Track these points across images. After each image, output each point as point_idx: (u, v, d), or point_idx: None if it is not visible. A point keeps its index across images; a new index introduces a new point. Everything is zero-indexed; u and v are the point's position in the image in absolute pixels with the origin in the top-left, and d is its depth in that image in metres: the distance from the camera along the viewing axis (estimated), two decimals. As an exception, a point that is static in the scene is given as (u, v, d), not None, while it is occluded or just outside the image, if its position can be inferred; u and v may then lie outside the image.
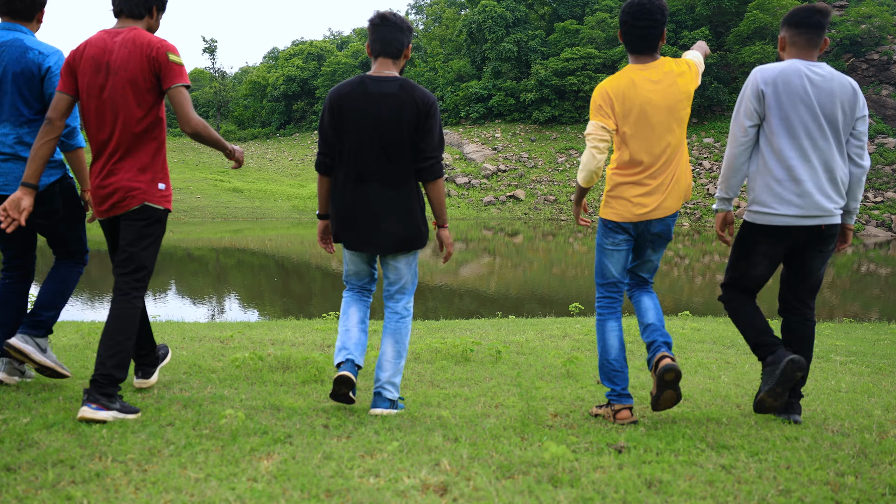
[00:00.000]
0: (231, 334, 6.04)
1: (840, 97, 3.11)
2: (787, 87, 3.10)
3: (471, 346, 5.07)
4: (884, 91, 40.50)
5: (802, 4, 3.30)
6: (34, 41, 3.27)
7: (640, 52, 3.24)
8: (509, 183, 41.29)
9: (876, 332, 8.16)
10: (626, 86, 3.18)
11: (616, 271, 3.39)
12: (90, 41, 3.03)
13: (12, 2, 3.24)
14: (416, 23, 68.87)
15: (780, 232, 3.21)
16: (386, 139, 3.15)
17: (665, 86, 3.18)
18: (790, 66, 3.14)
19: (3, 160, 3.23)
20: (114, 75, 2.96)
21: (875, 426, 3.42)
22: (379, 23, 3.23)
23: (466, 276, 17.57)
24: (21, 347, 3.22)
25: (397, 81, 3.17)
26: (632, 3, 3.20)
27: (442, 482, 2.45)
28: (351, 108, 3.17)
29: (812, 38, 3.18)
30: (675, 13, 47.71)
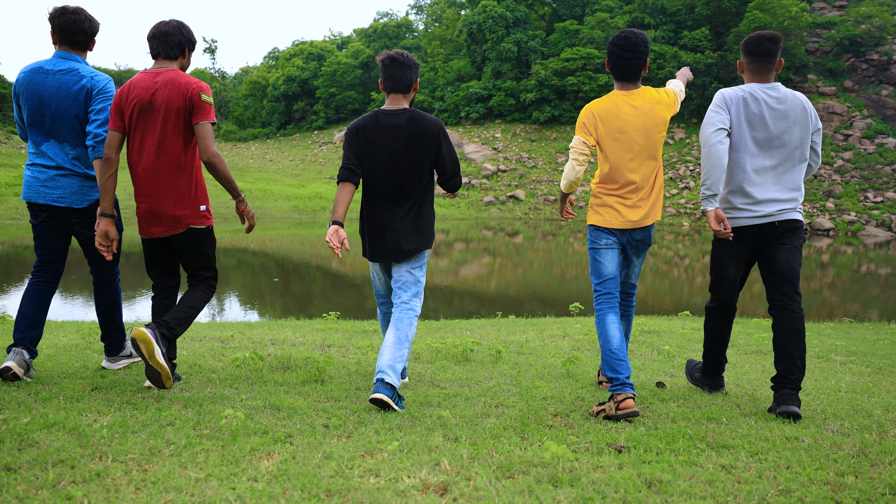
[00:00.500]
0: (231, 334, 6.04)
1: (793, 116, 3.50)
2: (745, 109, 3.52)
3: (471, 346, 5.07)
4: (884, 91, 40.47)
5: (755, 33, 3.64)
6: (88, 69, 3.67)
7: (624, 80, 3.62)
8: (509, 183, 41.29)
9: (876, 332, 8.16)
10: (609, 108, 3.57)
11: (611, 269, 3.65)
12: (134, 82, 3.46)
13: (74, 34, 3.64)
14: (417, 23, 68.91)
15: (741, 232, 3.58)
16: (397, 164, 3.57)
17: (645, 111, 3.55)
18: (749, 90, 3.55)
19: (63, 175, 3.65)
20: (156, 112, 3.40)
21: (875, 426, 3.42)
22: (389, 63, 3.60)
23: (466, 276, 17.57)
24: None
25: (406, 113, 3.57)
26: (618, 36, 3.59)
27: (442, 482, 2.46)
28: (366, 139, 3.58)
29: (765, 63, 3.58)
30: (675, 13, 47.68)
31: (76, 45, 3.67)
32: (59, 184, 3.65)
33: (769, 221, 3.52)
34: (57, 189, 3.65)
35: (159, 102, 3.40)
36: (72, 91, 3.58)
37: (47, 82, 3.58)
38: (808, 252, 25.57)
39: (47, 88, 3.58)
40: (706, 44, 44.04)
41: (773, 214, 3.52)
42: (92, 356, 4.56)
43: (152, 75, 3.46)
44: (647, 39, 3.58)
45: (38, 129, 3.66)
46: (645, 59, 3.58)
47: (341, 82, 59.18)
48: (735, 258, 3.66)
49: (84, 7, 3.73)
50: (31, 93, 3.60)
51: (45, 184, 3.65)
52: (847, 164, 36.93)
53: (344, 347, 5.58)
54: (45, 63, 3.62)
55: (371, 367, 4.49)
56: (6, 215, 28.99)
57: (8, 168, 37.80)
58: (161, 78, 3.44)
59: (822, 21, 44.42)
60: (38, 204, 3.67)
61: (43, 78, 3.59)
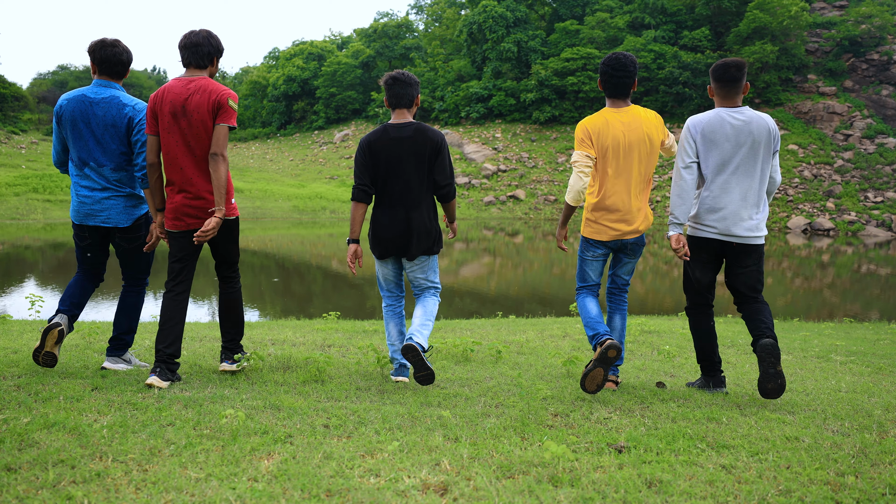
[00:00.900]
0: (104, 372, 5.99)
1: (756, 136, 3.78)
2: (712, 134, 3.80)
3: (471, 346, 5.07)
4: (884, 91, 40.47)
5: (721, 60, 3.91)
6: (128, 97, 3.97)
7: (615, 97, 3.95)
8: (509, 183, 41.28)
9: (876, 332, 8.16)
10: (601, 124, 3.88)
11: (594, 277, 4.13)
12: (167, 87, 3.74)
13: (113, 66, 3.93)
14: (417, 23, 68.87)
15: (707, 242, 3.92)
16: (405, 171, 3.93)
17: (633, 127, 3.86)
18: (715, 114, 3.83)
19: (108, 197, 3.94)
20: (189, 116, 3.69)
21: (875, 426, 3.42)
22: (392, 83, 3.96)
23: (467, 276, 17.57)
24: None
25: (412, 126, 3.94)
26: (610, 57, 3.91)
27: (442, 482, 2.46)
28: (378, 149, 3.94)
29: (731, 88, 3.86)
30: (675, 13, 47.67)
31: (115, 74, 3.97)
32: (105, 206, 3.94)
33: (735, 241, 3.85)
34: (104, 211, 3.94)
35: (192, 107, 3.68)
36: (117, 118, 3.88)
37: (94, 110, 3.86)
38: (809, 252, 25.57)
39: (94, 116, 3.86)
40: (706, 44, 44.03)
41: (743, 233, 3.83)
42: (92, 356, 4.56)
43: (185, 82, 3.74)
44: (635, 61, 3.90)
45: (83, 154, 3.91)
46: (634, 78, 3.90)
47: (341, 82, 59.16)
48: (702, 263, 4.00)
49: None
50: (76, 119, 3.87)
51: (92, 207, 3.94)
52: (847, 164, 36.93)
53: (344, 347, 5.59)
54: (87, 91, 3.90)
55: (371, 366, 4.49)
56: (6, 215, 29.00)
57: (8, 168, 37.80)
58: (193, 85, 3.72)
59: (823, 21, 44.42)
60: (88, 226, 3.97)
61: (88, 105, 3.86)
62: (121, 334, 4.17)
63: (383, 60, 63.21)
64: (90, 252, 4.06)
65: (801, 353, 6.03)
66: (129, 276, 4.19)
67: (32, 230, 25.40)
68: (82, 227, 3.98)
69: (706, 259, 3.97)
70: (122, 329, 4.17)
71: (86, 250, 4.05)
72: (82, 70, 72.40)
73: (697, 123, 3.85)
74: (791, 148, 38.82)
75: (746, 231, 3.81)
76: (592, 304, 4.05)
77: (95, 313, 10.61)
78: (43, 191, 32.98)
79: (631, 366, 5.00)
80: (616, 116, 3.88)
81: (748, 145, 3.77)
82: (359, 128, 56.12)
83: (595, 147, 3.87)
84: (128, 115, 3.90)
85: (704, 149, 3.83)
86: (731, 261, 3.94)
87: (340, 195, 37.25)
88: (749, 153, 3.77)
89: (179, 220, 3.80)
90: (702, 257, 3.96)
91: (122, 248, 4.06)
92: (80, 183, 3.94)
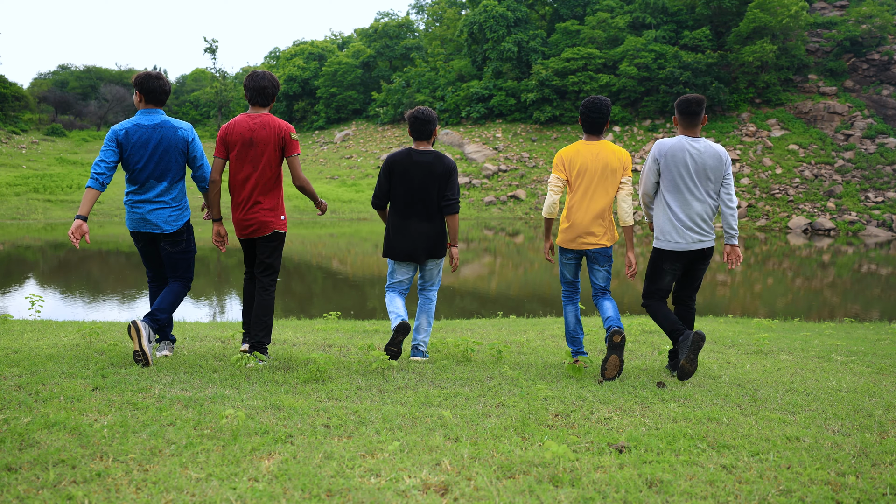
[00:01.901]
0: (232, 334, 6.04)
1: (709, 164, 4.43)
2: (673, 159, 4.44)
3: (472, 345, 5.07)
4: (884, 91, 40.44)
5: (684, 96, 4.52)
6: (176, 121, 4.51)
7: (589, 133, 4.75)
8: (510, 183, 41.27)
9: (877, 332, 8.15)
10: (573, 153, 4.72)
11: (570, 275, 4.93)
12: (237, 121, 4.46)
13: (158, 95, 4.45)
14: (417, 23, 68.87)
15: (675, 254, 4.54)
16: (423, 190, 4.72)
17: (600, 158, 4.65)
18: (677, 142, 4.46)
19: (159, 208, 4.46)
20: (255, 146, 4.40)
21: (876, 426, 3.42)
22: (413, 120, 4.84)
23: (467, 276, 17.57)
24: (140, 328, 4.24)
25: (432, 153, 4.79)
26: (587, 101, 4.70)
27: (443, 482, 2.46)
28: (400, 170, 4.75)
29: (691, 121, 4.49)
30: (675, 13, 47.65)
31: (159, 102, 4.48)
32: (155, 216, 4.47)
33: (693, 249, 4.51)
34: (153, 220, 4.47)
35: (258, 139, 4.39)
36: (174, 140, 4.44)
37: (152, 135, 4.39)
38: (810, 252, 25.57)
39: (153, 140, 4.39)
40: (707, 43, 44.01)
41: (696, 243, 4.49)
42: (93, 356, 4.57)
43: (251, 118, 4.45)
44: (609, 104, 4.69)
45: (141, 172, 4.42)
46: (607, 119, 4.69)
47: (342, 82, 59.17)
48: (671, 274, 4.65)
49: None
50: (137, 144, 4.38)
51: (144, 216, 4.47)
52: (848, 164, 36.92)
53: (345, 347, 5.59)
54: (140, 120, 4.41)
55: (372, 366, 4.49)
56: (7, 215, 29.02)
57: (9, 168, 37.83)
58: (259, 121, 4.43)
59: (823, 21, 44.40)
60: (140, 232, 4.53)
61: (146, 132, 4.39)
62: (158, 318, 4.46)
63: (384, 60, 63.22)
64: (148, 256, 4.67)
65: (801, 353, 6.03)
66: (174, 278, 4.66)
67: (33, 230, 25.41)
68: (135, 233, 4.56)
69: (678, 268, 4.62)
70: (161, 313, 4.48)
71: (145, 253, 4.66)
72: (82, 70, 72.39)
73: (662, 149, 4.48)
74: (792, 148, 38.82)
75: (703, 239, 4.51)
76: (572, 315, 4.94)
77: (97, 313, 10.61)
78: (43, 191, 33.00)
79: (632, 366, 5.00)
80: (588, 148, 4.68)
81: (702, 172, 4.43)
82: (359, 128, 56.13)
83: (566, 172, 4.72)
84: (182, 136, 4.48)
85: (666, 172, 4.49)
86: (695, 263, 4.62)
87: (341, 195, 37.25)
88: (702, 178, 4.45)
89: (241, 232, 4.56)
90: (675, 267, 4.60)
91: (167, 251, 4.57)
92: (134, 198, 4.47)
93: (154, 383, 3.77)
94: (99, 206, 32.03)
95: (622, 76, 43.92)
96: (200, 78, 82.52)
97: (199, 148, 4.57)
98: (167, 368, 4.23)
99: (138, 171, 4.41)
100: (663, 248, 4.55)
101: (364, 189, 39.92)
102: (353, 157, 48.05)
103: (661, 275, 4.60)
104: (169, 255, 4.58)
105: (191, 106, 76.07)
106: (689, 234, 4.45)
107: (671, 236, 4.49)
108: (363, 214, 35.41)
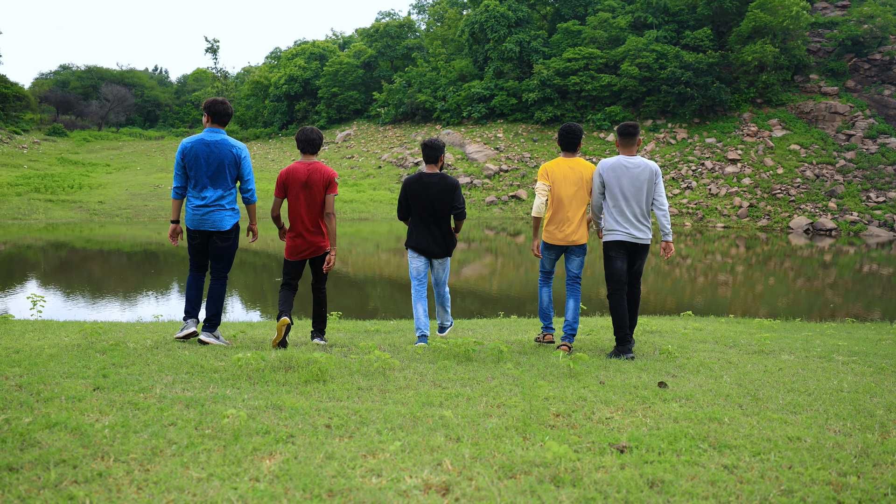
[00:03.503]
0: (234, 334, 6.05)
1: (642, 177, 5.50)
2: (614, 173, 5.54)
3: (473, 345, 5.07)
4: (886, 91, 40.40)
5: (623, 123, 5.62)
6: (232, 140, 5.42)
7: (566, 150, 5.86)
8: (511, 183, 41.27)
9: (878, 332, 8.15)
10: (554, 165, 5.82)
11: (548, 266, 6.10)
12: (294, 168, 5.56)
13: (222, 117, 5.40)
14: (419, 23, 68.86)
15: (620, 245, 5.59)
16: (434, 204, 5.86)
17: (575, 170, 5.77)
18: (616, 161, 5.55)
19: (212, 210, 5.36)
20: (310, 187, 5.55)
21: (877, 426, 3.42)
22: (424, 147, 5.90)
23: (469, 275, 17.57)
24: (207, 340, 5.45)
25: (437, 175, 5.87)
26: (564, 126, 5.81)
27: (444, 482, 2.46)
28: (414, 190, 5.86)
29: (628, 141, 5.57)
30: (677, 13, 47.64)
31: (222, 123, 5.41)
32: (212, 216, 5.37)
33: (633, 241, 5.56)
34: (210, 220, 5.37)
35: (312, 181, 5.54)
36: (228, 156, 5.35)
37: (212, 150, 5.30)
38: (811, 252, 25.55)
39: (212, 154, 5.30)
40: (708, 43, 43.99)
41: (635, 238, 5.53)
42: (94, 356, 4.57)
43: (306, 164, 5.58)
44: (581, 130, 5.84)
45: (202, 179, 5.32)
46: (580, 140, 5.83)
47: (343, 82, 59.19)
48: (619, 259, 5.62)
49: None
50: (199, 157, 5.29)
51: (203, 217, 5.35)
52: (849, 164, 36.89)
53: (346, 347, 5.59)
54: (205, 136, 5.34)
55: (373, 366, 4.49)
56: (8, 215, 29.03)
57: (10, 168, 37.86)
58: (312, 167, 5.58)
59: (825, 21, 44.37)
60: (199, 230, 5.40)
61: (207, 147, 5.30)
62: (211, 316, 5.51)
63: (385, 60, 63.20)
64: (199, 249, 5.50)
65: (803, 354, 6.02)
66: (216, 269, 5.52)
67: (34, 230, 25.43)
68: (194, 231, 5.41)
69: (623, 254, 5.61)
70: (211, 312, 5.51)
71: (196, 248, 5.49)
72: (84, 70, 72.49)
73: (604, 167, 5.58)
74: (793, 148, 38.80)
75: (641, 237, 5.54)
76: (546, 295, 6.12)
77: (97, 314, 10.62)
78: (45, 191, 33.03)
79: (633, 366, 5.00)
80: (565, 162, 5.80)
81: (637, 182, 5.49)
82: (360, 128, 56.16)
83: (549, 180, 5.78)
84: (235, 153, 5.38)
85: (608, 184, 5.56)
86: (632, 256, 5.64)
87: (342, 195, 37.26)
88: (637, 187, 5.50)
89: (297, 255, 5.67)
90: (620, 253, 5.60)
91: (217, 245, 5.46)
92: (194, 202, 5.33)
93: (155, 383, 3.77)
94: (100, 207, 32.04)
95: (623, 76, 43.91)
96: (202, 78, 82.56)
97: (248, 166, 5.46)
98: (168, 368, 4.23)
99: (199, 178, 5.32)
100: (609, 240, 5.62)
101: (365, 189, 39.92)
102: (354, 157, 48.06)
103: (612, 261, 5.61)
104: (217, 249, 5.46)
105: (192, 106, 76.09)
106: (628, 228, 5.51)
107: (614, 230, 5.55)
108: (364, 214, 35.42)
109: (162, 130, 68.25)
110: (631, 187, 5.46)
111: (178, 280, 15.87)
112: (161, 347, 5.14)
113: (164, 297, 13.14)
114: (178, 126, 72.51)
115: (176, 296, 13.49)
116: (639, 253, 5.63)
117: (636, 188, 5.46)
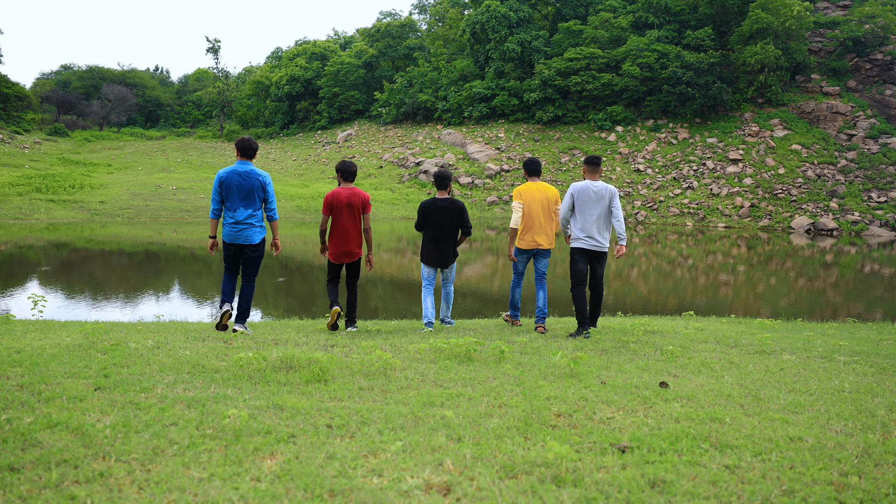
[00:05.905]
0: (235, 334, 6.04)
1: (604, 196, 6.76)
2: (582, 195, 6.80)
3: (474, 346, 5.07)
4: (887, 91, 40.37)
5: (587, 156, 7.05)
6: (258, 170, 6.50)
7: (531, 175, 7.27)
8: (512, 183, 41.25)
9: (879, 333, 8.14)
10: (525, 189, 7.15)
11: (521, 269, 7.41)
12: (338, 192, 6.91)
13: (250, 152, 6.48)
14: (420, 22, 68.87)
15: (582, 251, 6.88)
16: (443, 224, 7.20)
17: (542, 191, 7.17)
18: (584, 185, 6.81)
19: (244, 228, 6.45)
20: (351, 208, 6.92)
21: (879, 426, 3.41)
22: (436, 177, 7.22)
23: (470, 276, 17.57)
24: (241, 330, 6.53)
25: (448, 199, 7.22)
26: (528, 159, 7.30)
27: (445, 482, 2.45)
28: (429, 212, 7.19)
29: (594, 170, 6.86)
30: (678, 13, 47.62)
31: (249, 157, 6.47)
32: (245, 233, 6.47)
33: (594, 249, 6.86)
34: (244, 235, 6.47)
35: (353, 203, 6.92)
36: (255, 184, 6.44)
37: (243, 178, 6.39)
38: (812, 252, 25.52)
39: (244, 182, 6.40)
40: (709, 43, 43.96)
41: (596, 246, 6.84)
42: (95, 356, 4.57)
43: (347, 189, 6.94)
44: (540, 161, 7.41)
45: (235, 201, 6.40)
46: (540, 170, 7.30)
47: (344, 82, 59.21)
48: (582, 263, 6.91)
49: None
50: (233, 184, 6.37)
51: (238, 233, 6.44)
52: (851, 164, 36.86)
53: (347, 348, 5.59)
54: (237, 168, 6.43)
55: (374, 366, 4.49)
56: (9, 215, 29.05)
57: (11, 168, 37.88)
58: (352, 191, 6.94)
59: (826, 21, 44.33)
60: (235, 244, 6.48)
61: (239, 176, 6.39)
62: (242, 312, 6.65)
63: (386, 60, 63.22)
64: (233, 258, 6.55)
65: (804, 353, 6.02)
66: (247, 274, 6.64)
67: (35, 230, 25.45)
68: (230, 244, 6.48)
69: (584, 258, 6.91)
70: (243, 308, 6.66)
71: (231, 257, 6.54)
72: (85, 70, 72.61)
73: (575, 189, 6.83)
74: (794, 148, 38.78)
75: (600, 245, 6.84)
76: (517, 291, 7.53)
77: (98, 314, 10.62)
78: (46, 191, 33.06)
79: (634, 366, 4.99)
80: (534, 185, 7.19)
81: (600, 201, 6.77)
82: (362, 127, 56.16)
83: (523, 199, 7.12)
84: (262, 181, 6.47)
85: (577, 203, 6.83)
86: (592, 261, 6.94)
87: (343, 195, 37.26)
88: (599, 205, 6.77)
89: (340, 259, 7.01)
90: (582, 257, 6.89)
91: (248, 255, 6.57)
92: (229, 221, 6.42)
93: (156, 383, 3.77)
94: (102, 207, 32.07)
95: (625, 76, 43.90)
96: (203, 78, 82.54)
97: (271, 191, 6.54)
98: (170, 368, 4.23)
99: (233, 201, 6.41)
100: (574, 246, 6.93)
101: (366, 189, 39.95)
102: (355, 157, 48.05)
103: (575, 262, 6.92)
104: (249, 258, 6.58)
105: (193, 106, 76.14)
106: (589, 239, 6.82)
107: (579, 238, 6.86)
108: (365, 214, 35.38)
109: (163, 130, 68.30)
110: (594, 206, 6.78)
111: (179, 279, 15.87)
112: (162, 347, 5.14)
113: (166, 298, 13.14)
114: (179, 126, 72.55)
115: (177, 295, 13.50)
116: (598, 258, 6.95)
117: (599, 206, 6.80)
